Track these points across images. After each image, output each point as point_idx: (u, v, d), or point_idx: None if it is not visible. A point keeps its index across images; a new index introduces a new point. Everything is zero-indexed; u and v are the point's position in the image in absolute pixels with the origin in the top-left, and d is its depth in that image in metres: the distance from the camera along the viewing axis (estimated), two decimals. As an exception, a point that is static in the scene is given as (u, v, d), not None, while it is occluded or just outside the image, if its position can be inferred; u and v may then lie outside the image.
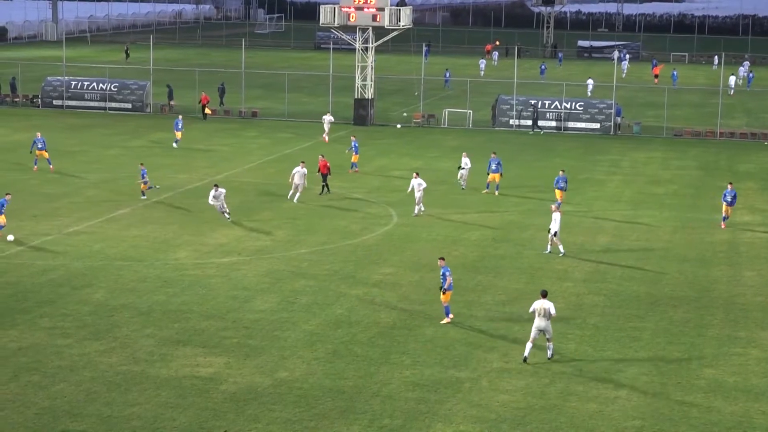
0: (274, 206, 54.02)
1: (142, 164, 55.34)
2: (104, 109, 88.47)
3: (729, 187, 52.12)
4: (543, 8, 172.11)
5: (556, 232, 45.52)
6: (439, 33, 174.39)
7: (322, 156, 57.41)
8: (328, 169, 56.67)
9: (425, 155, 70.80)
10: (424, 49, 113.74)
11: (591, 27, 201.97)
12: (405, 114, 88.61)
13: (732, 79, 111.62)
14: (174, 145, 70.33)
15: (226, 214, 49.72)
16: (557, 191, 54.36)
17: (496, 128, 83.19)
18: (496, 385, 31.46)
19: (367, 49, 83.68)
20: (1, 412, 28.74)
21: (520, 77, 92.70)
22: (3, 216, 44.98)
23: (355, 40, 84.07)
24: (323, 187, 56.21)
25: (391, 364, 32.99)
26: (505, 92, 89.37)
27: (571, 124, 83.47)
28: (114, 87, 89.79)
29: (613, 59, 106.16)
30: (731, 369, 33.28)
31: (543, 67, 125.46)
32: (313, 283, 41.24)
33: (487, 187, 58.08)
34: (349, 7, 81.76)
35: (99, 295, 39.19)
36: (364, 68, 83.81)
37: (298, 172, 53.68)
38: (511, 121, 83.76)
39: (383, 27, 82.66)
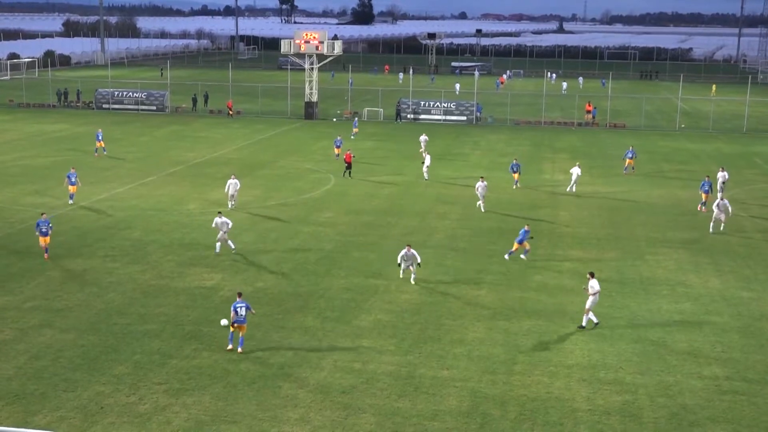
0: (253, 174, 53.57)
1: (73, 168, 46.20)
2: (137, 110, 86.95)
3: (706, 178, 46.58)
4: (428, 41, 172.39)
5: (483, 195, 44.38)
6: (360, 57, 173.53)
7: (349, 152, 54.67)
8: (352, 159, 53.59)
9: (352, 138, 70.53)
10: (350, 68, 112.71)
11: (459, 53, 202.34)
12: (338, 112, 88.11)
13: (564, 85, 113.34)
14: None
15: (229, 243, 35.95)
16: (514, 174, 50.49)
17: (399, 121, 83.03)
18: (401, 288, 31.63)
19: (312, 68, 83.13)
20: (72, 312, 28.44)
21: (414, 86, 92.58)
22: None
23: (305, 63, 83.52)
24: (347, 172, 52.91)
25: (331, 276, 33.01)
26: (404, 96, 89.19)
27: (448, 117, 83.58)
28: (144, 95, 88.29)
29: (474, 74, 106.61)
30: (552, 275, 33.74)
31: (433, 79, 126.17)
32: (279, 224, 41.06)
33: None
34: (301, 41, 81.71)
35: (136, 234, 38.70)
36: (311, 81, 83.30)
37: (232, 184, 43.44)
38: (409, 116, 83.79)
39: (323, 54, 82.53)
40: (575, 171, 50.65)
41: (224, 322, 26.45)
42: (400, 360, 24.93)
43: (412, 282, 31.80)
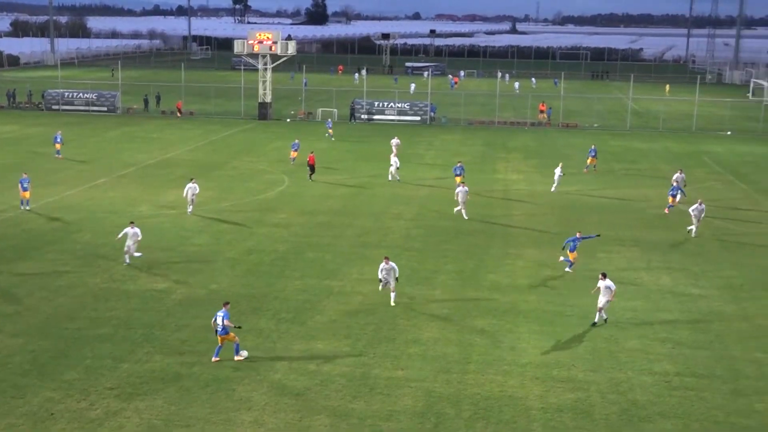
0: (206, 175, 53.14)
1: (25, 173, 44.49)
2: (88, 111, 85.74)
3: (674, 183, 47.14)
4: (382, 41, 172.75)
5: (464, 201, 42.84)
6: (314, 58, 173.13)
7: (311, 153, 54.01)
8: (314, 162, 52.66)
9: (306, 139, 70.20)
10: (304, 68, 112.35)
11: (414, 53, 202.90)
12: (292, 112, 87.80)
13: (516, 84, 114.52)
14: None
15: (135, 254, 34.41)
16: (456, 177, 48.43)
17: (353, 122, 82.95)
18: (356, 289, 31.60)
19: (266, 69, 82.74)
20: (21, 317, 27.98)
21: (369, 87, 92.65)
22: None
23: (258, 63, 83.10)
24: (311, 175, 52.21)
25: (285, 277, 32.89)
26: (359, 97, 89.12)
27: (402, 117, 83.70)
28: (94, 96, 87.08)
29: (426, 75, 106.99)
30: (505, 274, 33.95)
31: (396, 80, 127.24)
32: (233, 226, 40.79)
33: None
34: (254, 41, 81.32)
35: (87, 237, 38.19)
36: (264, 82, 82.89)
37: (190, 188, 42.41)
38: (363, 116, 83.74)
39: (277, 54, 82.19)
40: (557, 171, 51.23)
41: (244, 354, 25.09)
42: (355, 361, 24.91)
43: (393, 303, 29.54)
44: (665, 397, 23.03)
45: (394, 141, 61.60)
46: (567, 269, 34.21)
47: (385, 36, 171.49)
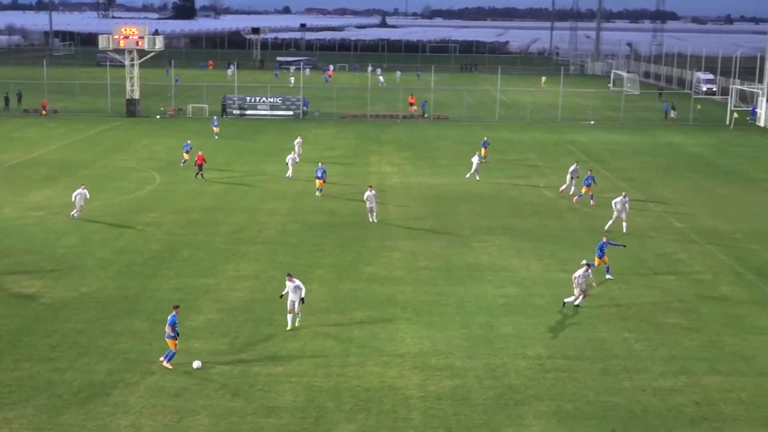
0: (73, 174, 51.51)
1: None
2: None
3: (589, 172, 46.81)
4: (252, 36, 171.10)
5: (371, 207, 41.03)
6: (183, 53, 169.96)
7: (197, 152, 52.56)
8: (204, 161, 51.17)
9: (177, 136, 69.01)
10: (172, 64, 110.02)
11: (284, 47, 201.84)
12: (162, 109, 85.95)
13: (381, 78, 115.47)
14: None
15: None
16: (318, 180, 46.87)
17: (225, 117, 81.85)
18: (232, 286, 31.25)
19: (133, 65, 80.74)
20: None
21: (240, 81, 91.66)
22: None
23: (125, 59, 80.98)
24: (200, 174, 50.68)
25: (160, 277, 32.22)
26: (230, 92, 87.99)
27: (275, 112, 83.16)
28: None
29: (292, 70, 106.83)
30: (382, 266, 34.21)
31: (277, 74, 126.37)
32: (103, 226, 39.65)
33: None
34: (120, 36, 79.23)
35: (-54, 242, 36.44)
36: (132, 78, 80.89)
37: (80, 194, 40.93)
38: (235, 111, 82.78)
39: (144, 49, 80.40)
40: (475, 160, 52.16)
41: (197, 364, 24.11)
42: (234, 359, 24.63)
43: (297, 324, 27.11)
44: (539, 380, 23.70)
45: (297, 140, 59.98)
46: (608, 276, 32.79)
47: (255, 30, 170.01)
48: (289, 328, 26.79)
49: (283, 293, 27.32)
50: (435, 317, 28.42)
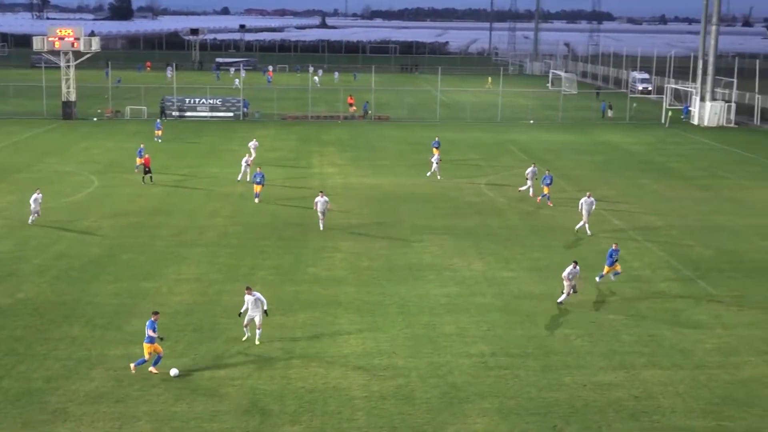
0: (8, 179, 50.48)
1: None
2: None
3: (547, 172, 46.66)
4: (191, 37, 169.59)
5: (323, 211, 39.63)
6: (120, 54, 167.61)
7: (147, 156, 51.46)
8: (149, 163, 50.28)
9: (115, 138, 68.21)
10: (110, 65, 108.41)
11: (224, 49, 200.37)
12: (99, 111, 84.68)
13: (316, 79, 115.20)
14: None
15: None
16: (256, 185, 45.64)
17: (165, 119, 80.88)
18: (173, 290, 30.91)
19: (69, 66, 79.37)
20: None
21: (179, 83, 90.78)
22: None
23: (60, 61, 79.57)
24: (149, 177, 49.79)
25: (99, 281, 31.72)
26: (169, 93, 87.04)
27: (215, 114, 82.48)
28: None
29: (233, 71, 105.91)
30: (324, 267, 34.15)
31: (218, 76, 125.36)
32: (40, 230, 38.90)
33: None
34: (55, 38, 77.81)
35: None
36: (68, 80, 79.51)
37: (35, 199, 39.84)
38: (174, 113, 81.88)
39: (80, 51, 79.03)
40: (434, 159, 52.81)
41: (174, 372, 23.71)
42: (176, 363, 24.33)
43: (257, 342, 25.94)
44: (482, 378, 23.88)
45: (253, 143, 59.20)
46: (612, 277, 32.20)
47: (194, 31, 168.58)
48: (244, 338, 26.09)
49: (242, 310, 26.06)
50: (378, 317, 28.45)
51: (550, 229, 40.82)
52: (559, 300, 29.95)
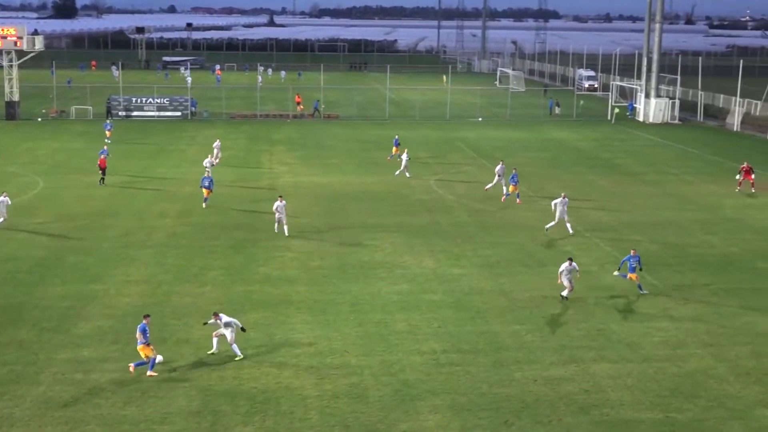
0: (-51, 180, 49.48)
1: None
2: None
3: (513, 170, 46.58)
4: (137, 36, 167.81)
5: (280, 218, 38.46)
6: (65, 53, 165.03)
7: (104, 156, 50.81)
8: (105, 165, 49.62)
9: (60, 138, 67.16)
10: (54, 64, 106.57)
11: (171, 47, 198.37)
12: (44, 111, 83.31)
13: (259, 79, 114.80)
14: None
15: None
16: (204, 190, 43.99)
17: (111, 118, 79.74)
18: (121, 292, 30.55)
19: (12, 66, 77.94)
20: None
21: (125, 82, 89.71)
22: None
23: (3, 60, 78.15)
24: (102, 178, 49.25)
25: (46, 284, 31.23)
26: (115, 93, 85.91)
27: (162, 113, 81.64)
28: None
29: (183, 70, 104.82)
30: (275, 266, 34.01)
31: (167, 75, 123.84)
32: (-17, 233, 38.20)
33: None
34: (-4, 36, 76.47)
35: None
36: (11, 80, 78.09)
37: (3, 202, 39.26)
38: (121, 113, 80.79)
39: (23, 50, 77.68)
40: (404, 157, 52.75)
41: (159, 358, 23.88)
42: (125, 366, 24.04)
43: (239, 358, 24.75)
44: (434, 375, 23.98)
45: (216, 144, 58.29)
46: (642, 291, 31.12)
47: (140, 30, 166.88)
48: (210, 352, 25.14)
49: (215, 334, 25.00)
50: (330, 316, 28.42)
51: (498, 226, 41.12)
52: (563, 293, 30.19)
